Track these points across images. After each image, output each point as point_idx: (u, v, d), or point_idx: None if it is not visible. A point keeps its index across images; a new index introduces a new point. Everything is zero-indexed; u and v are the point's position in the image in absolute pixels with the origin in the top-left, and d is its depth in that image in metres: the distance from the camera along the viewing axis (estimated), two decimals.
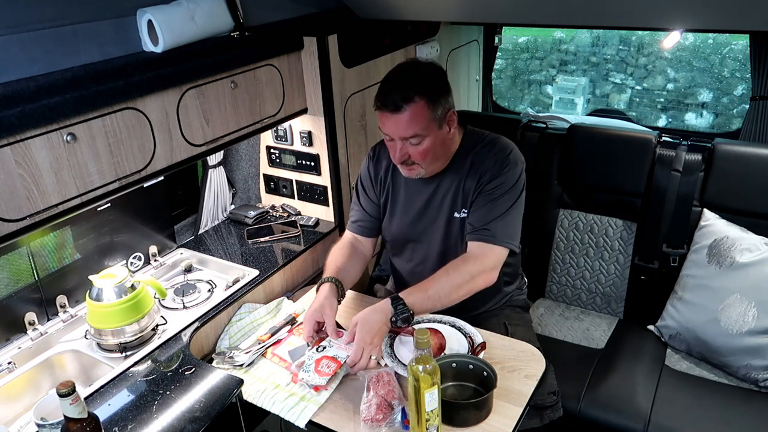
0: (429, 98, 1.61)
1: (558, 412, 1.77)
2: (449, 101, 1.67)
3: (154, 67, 1.59)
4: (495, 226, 1.68)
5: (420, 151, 1.66)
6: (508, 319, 1.91)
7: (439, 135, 1.67)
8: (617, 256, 2.33)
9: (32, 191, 1.36)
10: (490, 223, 1.69)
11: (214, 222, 2.32)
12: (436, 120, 1.64)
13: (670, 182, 2.19)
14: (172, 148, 1.69)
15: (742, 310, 1.91)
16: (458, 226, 1.78)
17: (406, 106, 1.60)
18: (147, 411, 1.41)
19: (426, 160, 1.68)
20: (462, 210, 1.77)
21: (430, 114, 1.62)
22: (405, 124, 1.61)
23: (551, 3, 1.91)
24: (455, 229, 1.79)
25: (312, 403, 1.50)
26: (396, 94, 1.60)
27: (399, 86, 1.62)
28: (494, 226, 1.68)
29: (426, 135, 1.64)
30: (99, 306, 1.64)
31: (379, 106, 1.64)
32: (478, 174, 1.73)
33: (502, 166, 1.71)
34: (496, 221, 1.69)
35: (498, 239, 1.69)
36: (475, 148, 1.77)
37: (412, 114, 1.60)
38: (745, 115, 2.54)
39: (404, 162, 1.69)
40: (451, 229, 1.79)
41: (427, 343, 1.29)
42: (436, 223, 1.81)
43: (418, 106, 1.60)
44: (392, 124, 1.63)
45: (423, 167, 1.70)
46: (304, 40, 2.04)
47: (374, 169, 1.90)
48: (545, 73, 8.89)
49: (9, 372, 1.58)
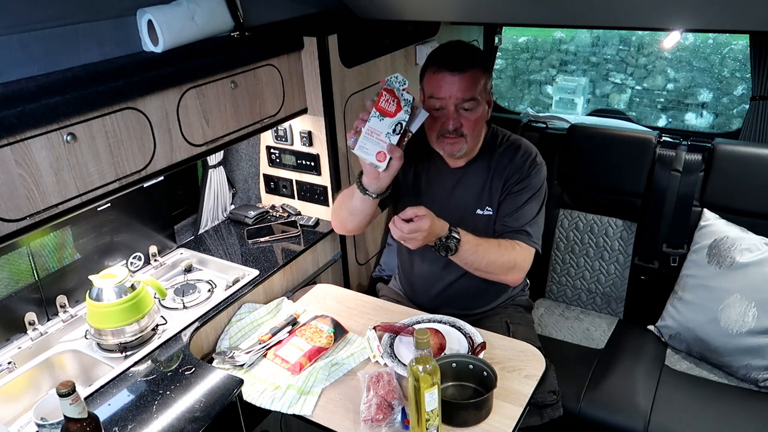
0: (484, 69, 1.68)
1: (558, 411, 1.77)
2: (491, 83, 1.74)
3: (154, 67, 1.59)
4: (531, 229, 1.74)
5: (472, 120, 1.68)
6: (510, 318, 1.92)
7: (485, 110, 1.72)
8: (617, 256, 2.33)
9: (32, 191, 1.36)
10: (526, 225, 1.74)
11: (214, 222, 2.32)
12: (486, 93, 1.71)
13: (670, 182, 2.20)
14: (172, 148, 1.69)
15: (742, 310, 1.92)
16: (482, 223, 1.79)
17: (468, 69, 1.64)
18: (147, 411, 1.41)
19: (474, 132, 1.70)
20: (487, 208, 1.78)
21: (484, 82, 1.68)
22: (466, 84, 1.64)
23: (551, 3, 1.91)
24: (478, 225, 1.79)
25: (312, 395, 1.52)
26: (459, 56, 1.65)
27: (460, 50, 1.68)
28: (530, 228, 1.74)
29: (480, 102, 1.68)
30: (99, 306, 1.64)
31: (439, 67, 1.65)
32: (505, 175, 1.76)
33: (530, 168, 1.75)
34: (530, 224, 1.74)
35: (533, 241, 1.75)
36: (498, 147, 1.80)
37: (473, 76, 1.64)
38: (745, 115, 2.53)
39: (455, 131, 1.67)
40: (472, 224, 1.78)
41: (427, 343, 1.29)
42: (456, 215, 1.79)
43: (478, 72, 1.66)
44: (452, 85, 1.64)
45: (467, 141, 1.70)
46: (304, 40, 2.04)
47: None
48: (545, 73, 8.89)
49: (9, 372, 1.58)
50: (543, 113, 3.03)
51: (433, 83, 1.66)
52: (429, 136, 1.75)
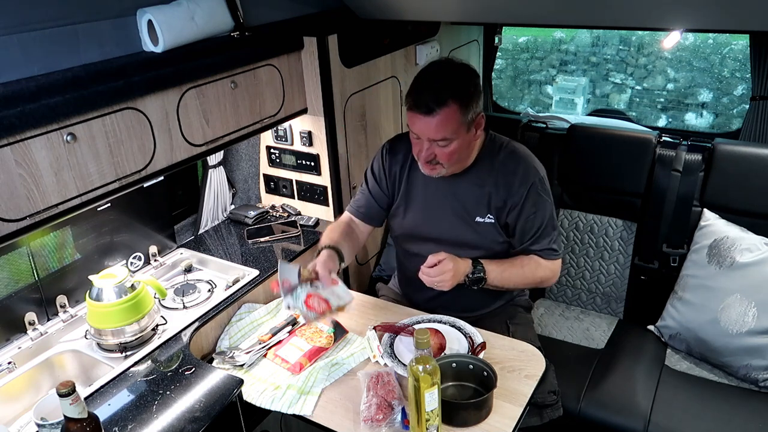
0: (462, 102, 1.60)
1: (558, 411, 1.77)
2: (480, 105, 1.68)
3: (154, 67, 1.59)
4: (556, 245, 1.80)
5: (447, 153, 1.66)
6: (510, 318, 1.92)
7: (467, 138, 1.67)
8: (617, 256, 2.33)
9: (32, 191, 1.36)
10: (552, 242, 1.79)
11: (214, 222, 2.32)
12: (466, 124, 1.63)
13: (670, 182, 2.19)
14: (172, 148, 1.69)
15: (742, 310, 1.91)
16: (482, 230, 1.79)
17: (438, 110, 1.58)
18: (147, 411, 1.41)
19: (451, 161, 1.69)
20: (488, 216, 1.78)
21: (461, 118, 1.61)
22: (435, 127, 1.60)
23: (551, 3, 1.91)
24: (477, 232, 1.79)
25: (312, 395, 1.52)
26: (429, 96, 1.58)
27: (432, 88, 1.59)
28: (555, 244, 1.80)
29: (455, 138, 1.63)
30: (99, 306, 1.64)
31: (411, 107, 1.62)
32: (509, 189, 1.74)
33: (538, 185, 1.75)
34: (553, 240, 1.79)
35: (559, 254, 1.83)
36: (497, 155, 1.78)
37: (444, 118, 1.59)
38: (745, 115, 2.53)
39: (429, 161, 1.69)
40: (468, 229, 1.79)
41: (427, 343, 1.29)
42: (452, 222, 1.81)
43: (451, 110, 1.59)
44: (423, 126, 1.61)
45: (446, 168, 1.71)
46: (304, 40, 2.04)
47: (389, 162, 1.89)
48: (545, 73, 8.89)
49: (9, 372, 1.58)
50: (543, 113, 3.03)
51: (409, 118, 1.65)
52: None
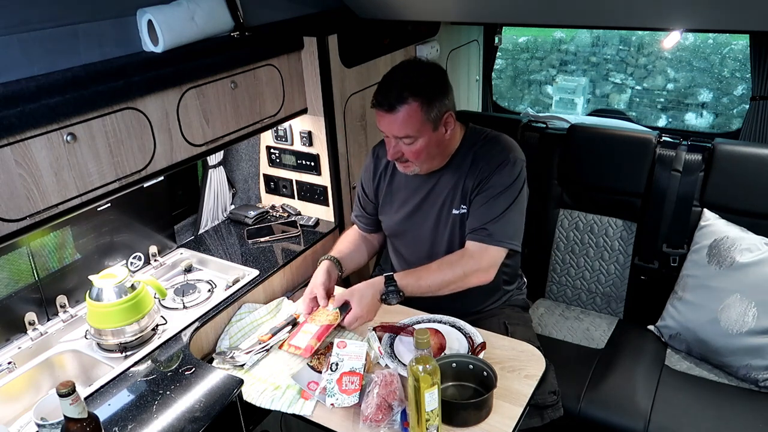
0: (423, 100, 1.62)
1: (558, 411, 1.77)
2: (446, 103, 1.67)
3: (154, 67, 1.59)
4: (493, 226, 1.70)
5: (413, 151, 1.68)
6: (508, 318, 1.91)
7: (434, 136, 1.68)
8: (617, 256, 2.33)
9: (32, 191, 1.36)
10: (488, 223, 1.70)
11: (214, 222, 2.32)
12: (431, 122, 1.65)
13: (670, 182, 2.19)
14: (172, 148, 1.69)
15: (742, 310, 1.91)
16: (457, 222, 1.79)
17: (399, 107, 1.61)
18: (147, 411, 1.41)
19: (419, 159, 1.70)
20: (461, 206, 1.78)
21: (423, 116, 1.63)
22: (398, 124, 1.63)
23: (551, 3, 1.91)
24: (453, 224, 1.80)
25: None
26: (391, 94, 1.62)
27: (395, 86, 1.63)
28: (492, 226, 1.70)
29: (419, 136, 1.65)
30: (99, 306, 1.64)
31: (374, 104, 1.67)
32: (477, 172, 1.74)
33: (500, 165, 1.72)
34: (494, 221, 1.70)
35: (495, 239, 1.70)
36: (475, 146, 1.78)
37: (405, 115, 1.62)
38: (745, 115, 2.54)
39: (398, 159, 1.72)
40: (447, 224, 1.81)
41: (427, 343, 1.29)
42: (430, 218, 1.83)
43: (412, 108, 1.61)
44: (386, 123, 1.66)
45: (417, 165, 1.73)
46: (304, 40, 2.04)
47: (374, 167, 1.94)
48: (545, 73, 8.90)
49: (9, 372, 1.58)
50: (543, 113, 3.04)
51: (376, 116, 1.68)
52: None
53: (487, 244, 1.71)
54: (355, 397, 1.47)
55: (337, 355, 1.54)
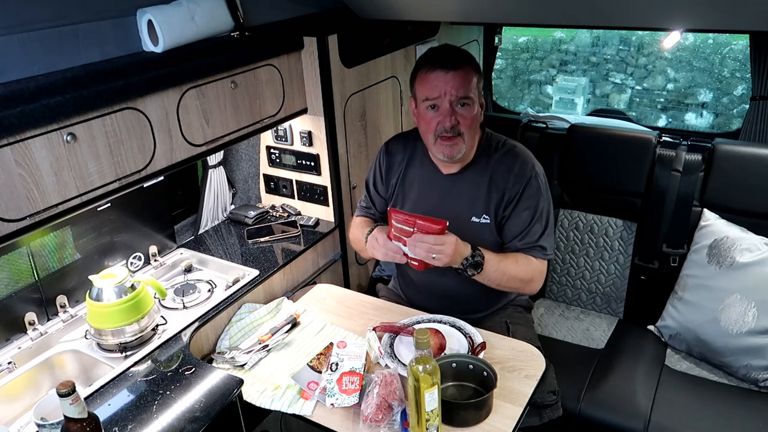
0: (476, 69, 1.70)
1: (558, 411, 1.77)
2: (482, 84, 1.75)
3: (154, 67, 1.59)
4: (545, 243, 1.76)
5: (469, 118, 1.68)
6: (509, 318, 1.92)
7: (479, 111, 1.72)
8: (617, 256, 2.33)
9: (32, 191, 1.36)
10: (540, 240, 1.75)
11: (214, 222, 2.32)
12: (479, 93, 1.71)
13: (670, 182, 2.19)
14: (172, 148, 1.69)
15: (742, 310, 1.92)
16: (478, 231, 1.77)
17: (460, 66, 1.65)
18: (147, 411, 1.41)
19: (470, 130, 1.70)
20: (483, 216, 1.77)
21: (477, 83, 1.69)
22: (461, 80, 1.65)
23: (551, 3, 1.91)
24: (473, 232, 1.77)
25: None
26: (452, 55, 1.67)
27: (452, 51, 1.70)
28: (545, 242, 1.76)
29: (474, 102, 1.69)
30: (99, 306, 1.64)
31: (432, 66, 1.66)
32: (504, 186, 1.74)
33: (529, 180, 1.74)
34: (543, 238, 1.75)
35: (547, 254, 1.78)
36: (494, 154, 1.78)
37: (467, 74, 1.66)
38: (745, 115, 2.53)
39: (452, 129, 1.67)
40: (464, 230, 1.77)
41: (427, 343, 1.29)
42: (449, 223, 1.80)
43: (471, 70, 1.68)
44: (447, 82, 1.64)
45: (465, 141, 1.69)
46: (304, 40, 2.04)
47: (386, 163, 1.90)
48: (545, 73, 8.89)
49: (9, 372, 1.58)
50: (543, 113, 3.03)
51: (427, 83, 1.67)
52: (426, 139, 1.74)
53: (542, 259, 1.77)
54: (355, 397, 1.46)
55: (337, 355, 1.54)
